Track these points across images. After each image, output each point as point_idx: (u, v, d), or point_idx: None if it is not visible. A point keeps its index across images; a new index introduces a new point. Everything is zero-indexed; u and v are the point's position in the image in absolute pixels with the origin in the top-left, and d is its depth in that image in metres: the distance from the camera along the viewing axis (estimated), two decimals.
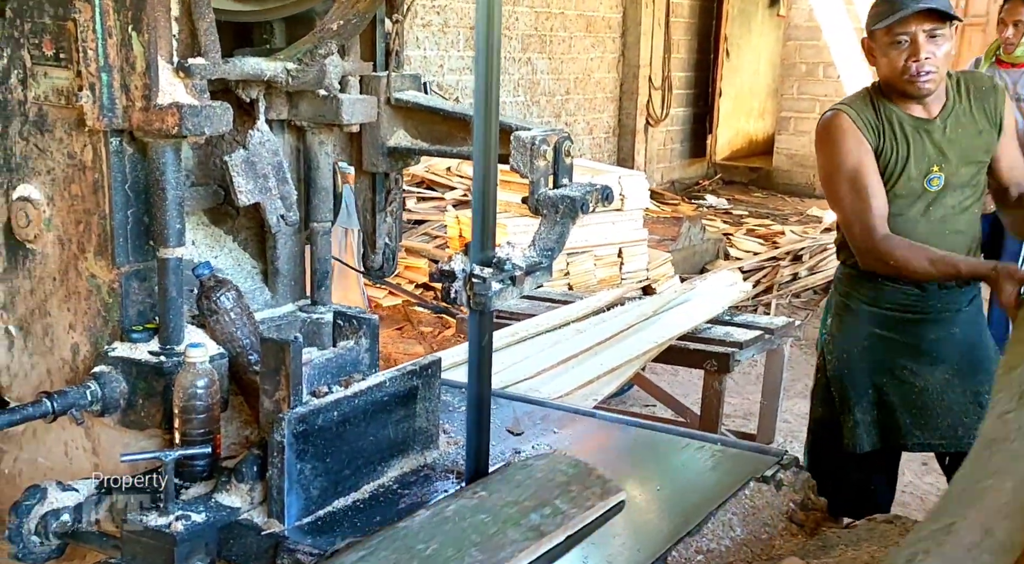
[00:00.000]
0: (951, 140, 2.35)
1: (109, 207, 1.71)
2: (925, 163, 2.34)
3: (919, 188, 2.35)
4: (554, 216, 1.77)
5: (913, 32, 2.24)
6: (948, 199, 2.36)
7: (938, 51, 2.25)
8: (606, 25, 10.00)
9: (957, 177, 2.36)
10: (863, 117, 2.36)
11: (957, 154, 2.35)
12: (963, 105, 2.37)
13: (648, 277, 5.23)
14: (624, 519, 1.60)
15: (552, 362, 2.78)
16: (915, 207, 2.36)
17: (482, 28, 1.60)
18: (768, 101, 12.63)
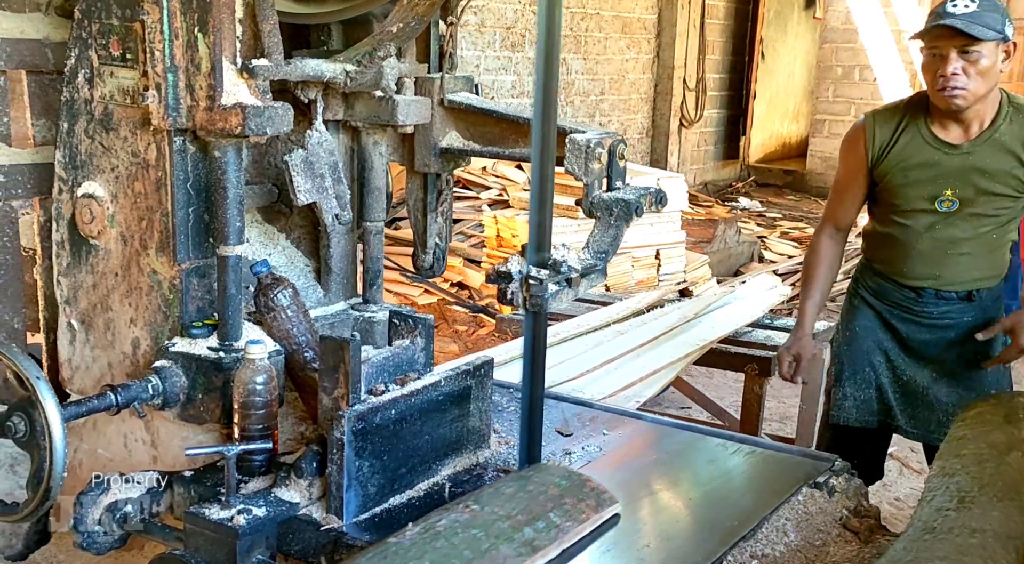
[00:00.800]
0: (977, 168, 2.31)
1: (171, 205, 1.74)
2: (937, 185, 2.34)
3: (928, 206, 2.37)
4: (608, 219, 1.78)
5: (944, 46, 2.23)
6: (961, 223, 2.36)
7: (971, 68, 2.22)
8: (641, 26, 9.98)
9: (975, 204, 2.34)
10: (881, 129, 2.40)
11: (979, 182, 2.32)
12: (1006, 135, 2.30)
13: (685, 279, 5.22)
14: (679, 522, 1.61)
15: (595, 363, 2.79)
16: (921, 222, 2.39)
17: (543, 33, 1.61)
18: (803, 103, 12.55)
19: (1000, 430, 2.13)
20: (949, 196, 2.34)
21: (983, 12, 2.20)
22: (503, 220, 5.12)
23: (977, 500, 1.78)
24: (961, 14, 2.19)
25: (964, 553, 1.53)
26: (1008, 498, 1.79)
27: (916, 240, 2.40)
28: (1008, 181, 2.31)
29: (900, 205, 2.41)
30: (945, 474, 1.94)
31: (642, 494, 1.63)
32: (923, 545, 1.58)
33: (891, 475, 3.71)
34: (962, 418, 2.28)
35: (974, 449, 2.05)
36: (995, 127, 2.30)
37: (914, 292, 2.44)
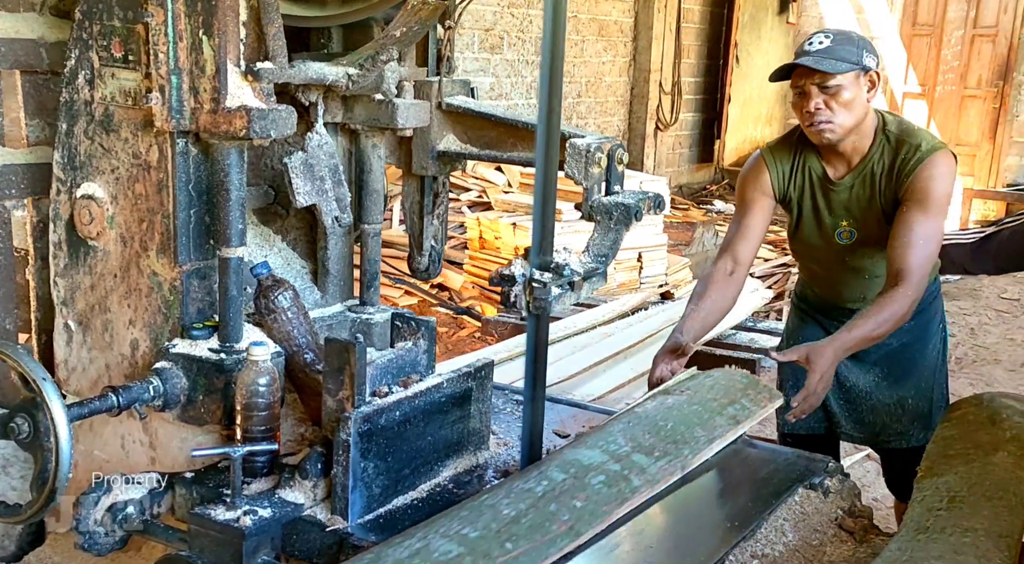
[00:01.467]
0: (860, 199, 2.34)
1: (173, 206, 1.74)
2: (834, 218, 2.38)
3: (831, 238, 2.39)
4: (608, 222, 1.81)
5: (804, 83, 2.26)
6: (866, 250, 2.38)
7: (832, 101, 2.24)
8: (618, 29, 10.04)
9: (871, 232, 2.35)
10: (777, 161, 2.43)
11: (867, 212, 2.34)
12: (881, 165, 2.32)
13: (667, 282, 5.27)
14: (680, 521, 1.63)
15: (584, 365, 2.82)
16: (827, 252, 2.42)
17: (548, 40, 1.63)
18: (776, 108, 12.67)
19: (984, 430, 2.18)
20: (846, 227, 2.38)
21: (836, 47, 2.23)
22: (486, 222, 5.13)
23: (967, 499, 1.82)
24: (815, 51, 2.23)
25: (958, 552, 1.57)
26: (996, 497, 1.83)
27: (833, 270, 2.44)
28: (884, 207, 2.33)
29: (808, 238, 2.45)
30: (934, 474, 1.98)
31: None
32: (917, 545, 1.62)
33: (870, 476, 3.76)
34: (947, 418, 2.33)
35: (961, 449, 2.09)
36: (869, 157, 2.33)
37: (851, 311, 2.35)
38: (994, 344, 5.61)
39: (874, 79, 2.28)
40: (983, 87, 10.03)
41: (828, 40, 2.25)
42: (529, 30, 8.75)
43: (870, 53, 2.28)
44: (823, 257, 2.45)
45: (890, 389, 2.48)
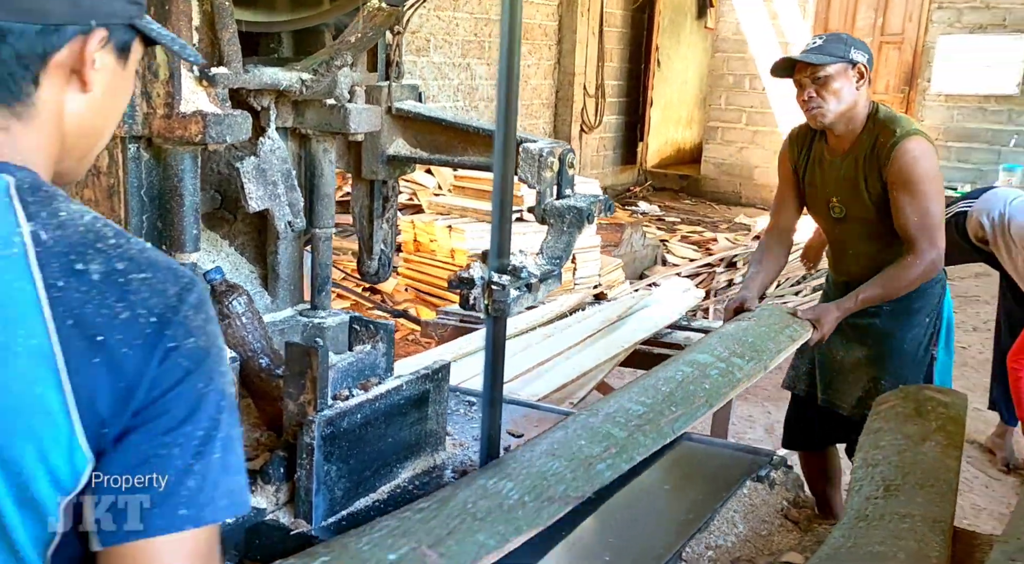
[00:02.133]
0: (846, 179, 2.67)
1: (124, 212, 1.71)
2: (827, 194, 2.75)
3: (825, 211, 2.77)
4: (561, 225, 1.85)
5: (799, 77, 2.63)
6: (851, 226, 2.72)
7: (823, 90, 2.58)
8: (542, 32, 10.13)
9: (855, 210, 2.69)
10: (796, 142, 2.85)
11: (851, 191, 2.67)
12: (864, 149, 2.63)
13: (600, 283, 5.35)
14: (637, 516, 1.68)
15: (528, 366, 2.86)
16: (827, 227, 2.85)
17: (505, 47, 1.66)
18: (696, 111, 12.95)
19: (912, 422, 2.30)
20: (836, 203, 2.71)
21: (826, 44, 2.60)
22: (420, 225, 5.14)
23: (902, 487, 1.92)
24: (808, 49, 2.62)
25: (898, 537, 1.66)
26: (928, 485, 1.93)
27: (833, 242, 2.85)
28: (867, 188, 2.64)
29: (813, 210, 2.85)
30: (869, 465, 2.08)
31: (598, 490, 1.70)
32: (860, 532, 1.70)
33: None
34: (876, 411, 2.45)
35: (891, 440, 2.20)
36: (858, 140, 2.65)
37: (844, 285, 2.77)
38: None
39: (862, 71, 2.59)
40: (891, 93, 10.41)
41: (820, 40, 2.63)
42: (455, 33, 8.77)
43: (859, 50, 2.61)
44: (825, 230, 2.88)
45: (867, 369, 2.76)
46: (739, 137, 11.16)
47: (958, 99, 9.82)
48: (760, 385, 5.14)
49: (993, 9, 9.57)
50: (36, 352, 0.83)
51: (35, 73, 0.93)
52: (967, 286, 7.50)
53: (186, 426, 0.88)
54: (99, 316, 0.85)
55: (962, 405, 2.43)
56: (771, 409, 4.74)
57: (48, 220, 0.88)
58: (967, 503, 3.77)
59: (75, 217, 0.90)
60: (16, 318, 0.83)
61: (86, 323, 0.84)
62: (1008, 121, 9.62)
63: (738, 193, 11.04)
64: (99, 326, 0.85)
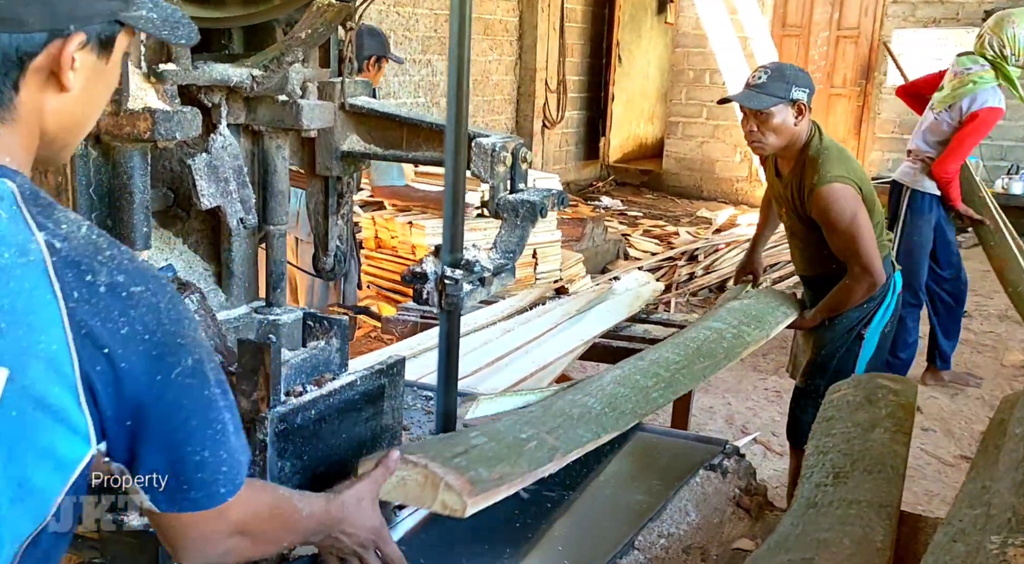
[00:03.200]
0: (784, 197, 3.01)
1: (73, 210, 1.70)
2: (777, 203, 3.12)
3: (781, 215, 3.14)
4: (514, 219, 1.86)
5: (744, 110, 2.88)
6: (793, 233, 3.11)
7: (763, 126, 2.82)
8: (503, 28, 10.13)
9: (795, 222, 3.03)
10: None
11: (786, 208, 3.03)
12: (795, 180, 2.92)
13: (561, 277, 5.37)
14: (591, 506, 1.70)
15: (487, 360, 2.87)
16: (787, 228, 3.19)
17: (454, 44, 1.67)
18: (658, 105, 13.02)
19: (863, 410, 2.35)
20: (784, 212, 3.08)
21: (770, 82, 2.79)
22: (381, 221, 5.12)
23: (850, 474, 1.96)
24: (754, 85, 2.81)
25: (846, 523, 1.69)
26: (876, 471, 1.98)
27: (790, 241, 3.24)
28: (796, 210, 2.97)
29: None
30: (820, 452, 2.12)
31: (553, 482, 1.72)
32: (809, 519, 1.74)
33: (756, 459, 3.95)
34: (828, 400, 2.50)
35: (842, 428, 2.25)
36: (797, 166, 2.91)
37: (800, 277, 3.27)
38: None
39: (801, 108, 2.82)
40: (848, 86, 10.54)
41: (765, 76, 2.81)
42: (416, 28, 8.75)
43: (800, 87, 2.81)
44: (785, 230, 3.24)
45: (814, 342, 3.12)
46: (700, 132, 11.25)
47: None
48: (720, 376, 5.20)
49: (947, 4, 9.73)
50: (55, 357, 0.90)
51: (14, 79, 0.95)
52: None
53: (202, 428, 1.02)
54: (105, 329, 0.92)
55: (912, 392, 2.48)
56: (731, 400, 4.80)
57: (55, 230, 0.93)
58: (920, 489, 3.85)
59: (74, 227, 0.96)
60: (38, 325, 0.89)
61: (95, 334, 0.92)
62: None
63: (699, 187, 11.12)
64: (105, 339, 0.92)
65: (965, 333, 6.09)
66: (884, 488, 1.90)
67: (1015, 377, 5.25)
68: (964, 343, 5.88)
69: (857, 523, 1.71)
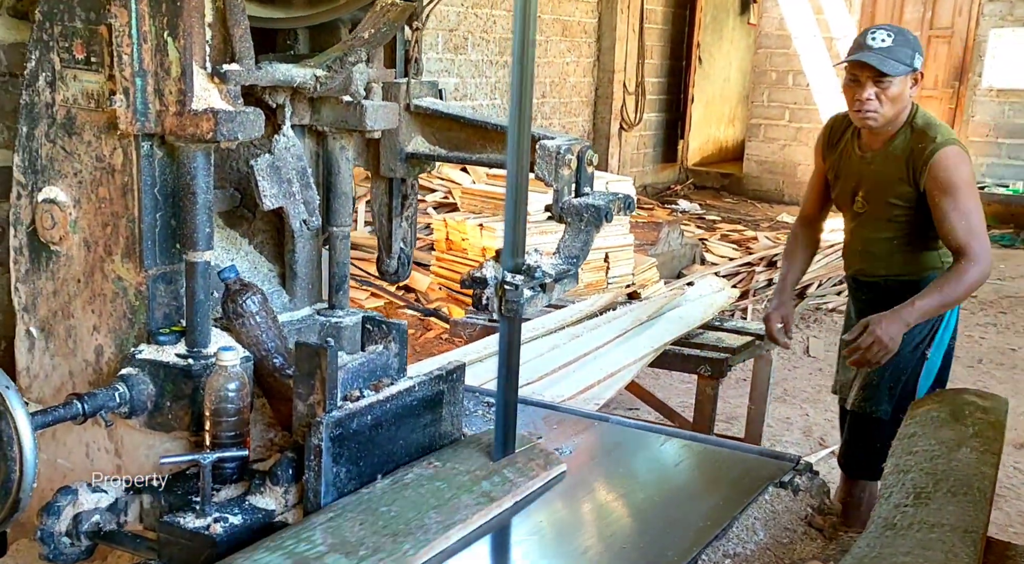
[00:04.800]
0: (876, 175, 2.64)
1: (138, 210, 1.71)
2: (854, 187, 2.71)
3: (849, 202, 2.73)
4: (578, 224, 1.81)
5: (861, 75, 2.53)
6: (869, 222, 2.70)
7: (883, 95, 2.52)
8: (582, 30, 10.07)
9: (874, 207, 2.66)
10: (831, 130, 2.80)
11: (875, 188, 2.65)
12: (898, 149, 2.59)
13: (634, 282, 5.29)
14: (652, 521, 1.64)
15: (553, 367, 2.82)
16: (849, 216, 2.77)
17: (517, 43, 1.63)
18: (739, 108, 12.79)
19: (948, 427, 2.22)
20: (861, 198, 2.69)
21: (896, 47, 2.50)
22: (453, 223, 5.12)
23: (933, 496, 1.85)
24: (878, 48, 2.49)
25: (926, 547, 1.59)
26: (961, 493, 1.86)
27: (849, 236, 2.80)
28: (896, 188, 2.60)
29: (837, 202, 2.81)
30: (900, 471, 2.01)
31: (614, 495, 1.66)
32: (886, 541, 1.64)
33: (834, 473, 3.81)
34: (911, 415, 2.37)
35: (925, 446, 2.13)
36: (893, 141, 2.60)
37: (855, 283, 2.82)
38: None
39: (918, 77, 2.55)
40: (940, 88, 10.18)
41: (889, 39, 2.50)
42: (493, 30, 8.74)
43: (920, 55, 2.54)
44: (846, 223, 2.79)
45: None
46: (782, 134, 11.00)
47: (1010, 94, 9.58)
48: (799, 387, 5.05)
49: None
50: None
51: None
52: (1018, 286, 7.30)
53: None
54: None
55: (1002, 409, 2.34)
56: (809, 411, 4.65)
57: None
58: (1013, 512, 3.66)
59: None
60: None
61: None
62: None
63: (781, 191, 10.87)
64: None
65: None
66: (970, 511, 1.79)
67: None
68: None
69: (939, 547, 1.61)
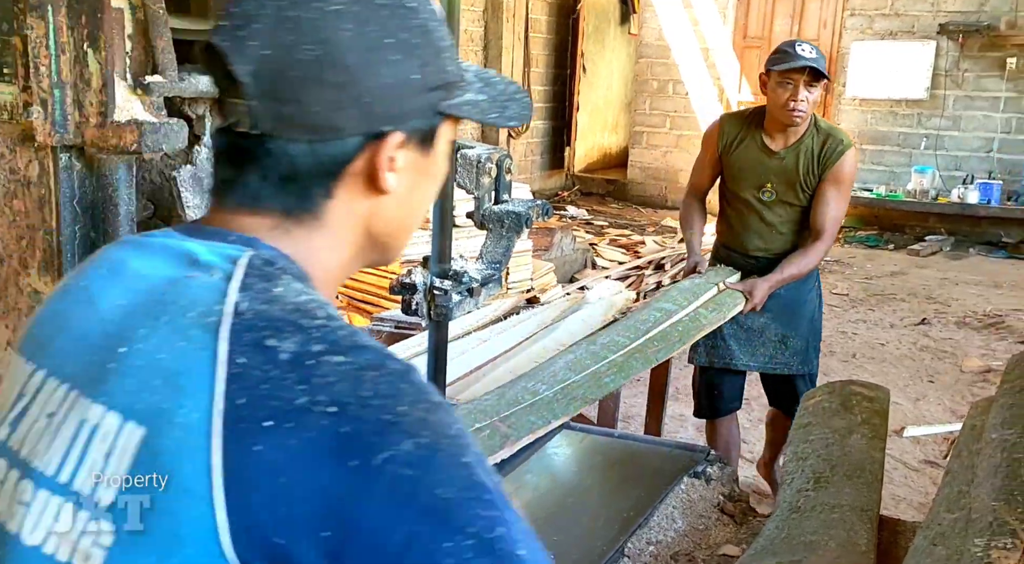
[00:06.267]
0: (784, 169, 3.11)
1: (56, 223, 1.69)
2: (761, 180, 3.15)
3: (755, 195, 3.16)
4: (500, 230, 1.88)
5: (796, 79, 2.97)
6: (777, 208, 3.16)
7: (810, 97, 3.00)
8: (468, 38, 10.16)
9: (786, 196, 3.14)
10: (728, 130, 3.22)
11: (786, 179, 3.12)
12: (811, 147, 3.08)
13: (532, 287, 5.39)
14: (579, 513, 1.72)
15: (464, 371, 2.87)
16: (752, 207, 3.19)
17: None
18: (622, 115, 13.12)
19: (839, 416, 2.39)
20: (770, 188, 3.13)
21: (820, 58, 2.98)
22: None
23: (831, 480, 2.00)
24: (808, 57, 2.94)
25: (829, 527, 1.73)
26: (856, 476, 2.02)
27: (750, 221, 3.23)
28: (805, 180, 3.10)
29: (737, 192, 3.22)
30: (799, 458, 2.16)
31: (543, 489, 1.73)
32: (793, 523, 1.77)
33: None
34: (804, 407, 2.54)
35: (819, 434, 2.29)
36: (802, 140, 3.09)
37: (754, 259, 3.25)
38: (828, 336, 6.04)
39: (827, 86, 3.08)
40: None
41: (814, 52, 2.97)
42: None
43: None
44: (745, 210, 3.21)
45: (776, 328, 3.24)
46: (664, 141, 11.35)
47: (871, 103, 10.16)
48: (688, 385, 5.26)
49: (903, 16, 9.93)
50: (194, 427, 0.74)
51: (328, 187, 0.86)
52: (884, 284, 7.77)
53: None
54: (274, 398, 0.73)
55: (885, 399, 2.53)
56: None
57: (259, 294, 0.80)
58: (887, 494, 3.91)
59: (290, 295, 0.80)
60: (186, 388, 0.76)
61: (258, 405, 0.73)
62: (917, 124, 9.99)
63: (664, 196, 11.22)
64: (271, 410, 0.73)
65: (924, 340, 6.22)
66: (864, 493, 1.94)
67: (974, 383, 5.36)
68: (924, 350, 6.01)
69: (840, 526, 1.75)
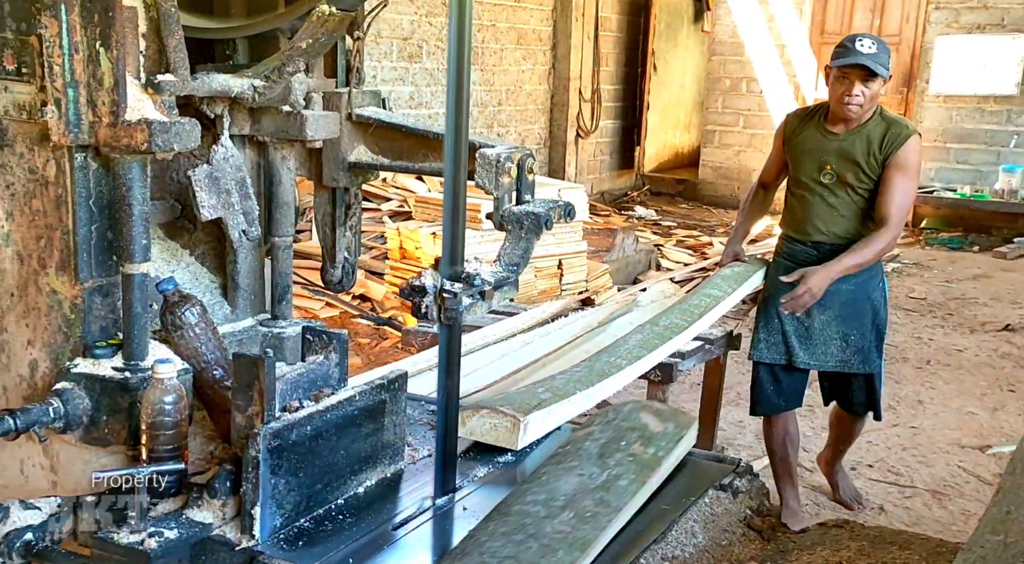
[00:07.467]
0: (844, 149, 3.13)
1: (73, 222, 1.69)
2: (822, 161, 3.17)
3: (818, 176, 3.18)
4: (519, 231, 1.82)
5: (852, 75, 3.02)
6: (839, 191, 3.16)
7: (867, 91, 3.04)
8: (537, 38, 10.10)
9: (846, 178, 3.13)
10: (792, 122, 3.31)
11: (846, 162, 3.13)
12: (873, 133, 3.10)
13: (587, 288, 5.31)
14: None
15: (502, 374, 2.82)
16: (815, 191, 3.19)
17: (453, 50, 1.64)
18: (694, 114, 12.90)
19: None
20: (829, 170, 3.15)
21: (880, 54, 3.01)
22: (406, 232, 5.11)
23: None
24: (868, 54, 2.98)
25: None
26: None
27: (813, 203, 3.20)
28: (867, 162, 3.10)
29: (798, 177, 3.24)
30: None
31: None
32: None
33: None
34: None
35: None
36: (866, 126, 3.11)
37: (815, 247, 3.19)
38: (902, 342, 5.80)
39: (887, 81, 3.08)
40: (889, 94, 10.34)
41: (874, 47, 3.00)
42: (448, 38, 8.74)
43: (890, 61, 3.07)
44: (807, 194, 3.21)
45: (838, 327, 3.20)
46: (736, 140, 11.11)
47: (956, 100, 9.77)
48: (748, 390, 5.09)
49: (991, 9, 9.52)
50: None
51: None
52: (965, 288, 7.45)
53: None
54: None
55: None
56: None
57: None
58: (957, 509, 3.73)
59: None
60: None
61: None
62: (1007, 122, 9.56)
63: (736, 196, 10.98)
64: None
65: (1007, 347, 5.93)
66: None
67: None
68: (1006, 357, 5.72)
69: None
